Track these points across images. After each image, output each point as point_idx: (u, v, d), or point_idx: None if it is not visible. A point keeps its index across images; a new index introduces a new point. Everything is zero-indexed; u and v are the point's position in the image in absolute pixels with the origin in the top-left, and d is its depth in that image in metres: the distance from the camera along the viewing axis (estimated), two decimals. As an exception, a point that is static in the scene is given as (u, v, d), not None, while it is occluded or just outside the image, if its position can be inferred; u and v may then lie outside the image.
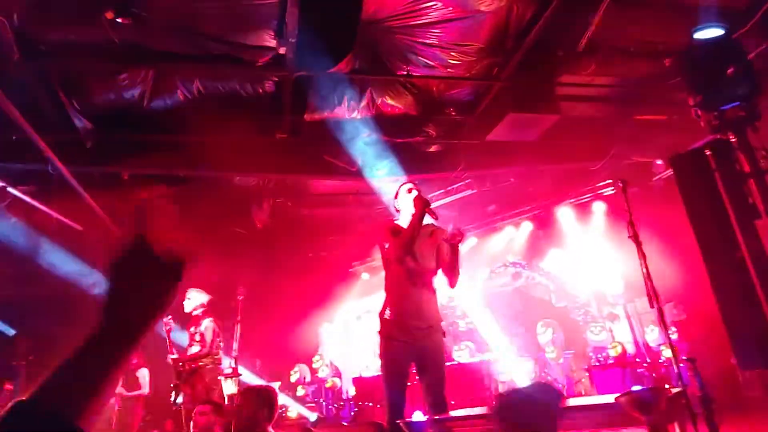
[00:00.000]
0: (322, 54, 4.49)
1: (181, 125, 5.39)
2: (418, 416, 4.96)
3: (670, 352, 3.47)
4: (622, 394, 3.30)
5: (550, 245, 8.65)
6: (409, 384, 3.32)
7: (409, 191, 3.47)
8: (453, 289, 3.46)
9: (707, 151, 2.52)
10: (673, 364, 3.42)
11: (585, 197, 7.91)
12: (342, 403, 8.08)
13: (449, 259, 3.29)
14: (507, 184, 7.55)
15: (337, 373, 9.00)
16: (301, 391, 8.68)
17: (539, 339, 7.87)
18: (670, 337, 3.49)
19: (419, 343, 3.16)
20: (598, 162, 6.76)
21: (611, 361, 6.74)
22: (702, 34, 2.79)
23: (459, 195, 7.48)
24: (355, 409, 7.55)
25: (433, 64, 4.89)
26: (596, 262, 7.84)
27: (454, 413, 3.44)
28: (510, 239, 8.92)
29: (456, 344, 7.84)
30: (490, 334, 8.14)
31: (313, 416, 8.09)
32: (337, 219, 8.43)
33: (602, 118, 6.13)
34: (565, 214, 8.18)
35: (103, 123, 5.28)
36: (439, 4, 4.20)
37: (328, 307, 10.20)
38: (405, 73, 5.00)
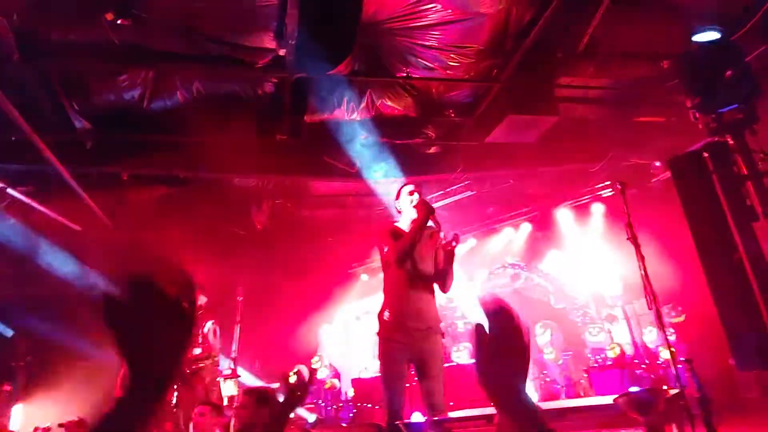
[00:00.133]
0: (321, 56, 4.50)
1: (181, 126, 5.40)
2: (417, 417, 4.97)
3: (668, 354, 3.48)
4: (620, 395, 3.31)
5: (548, 246, 8.66)
6: (408, 385, 3.32)
7: (411, 193, 3.47)
8: (446, 294, 3.47)
9: (705, 154, 2.53)
10: (671, 366, 3.43)
11: (584, 199, 7.93)
12: (341, 405, 8.07)
13: (444, 264, 3.31)
14: (506, 185, 7.56)
15: (336, 374, 8.99)
16: (300, 392, 8.66)
17: (538, 340, 7.87)
18: (668, 338, 3.50)
19: (418, 344, 3.16)
20: (596, 164, 6.78)
21: (610, 363, 6.75)
22: (700, 37, 2.80)
23: (458, 196, 7.50)
24: (354, 411, 7.54)
25: (432, 65, 4.90)
26: (595, 263, 7.86)
27: (453, 414, 3.45)
28: (509, 240, 8.94)
29: (455, 345, 7.84)
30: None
31: (311, 417, 8.09)
32: (337, 220, 8.43)
33: (601, 119, 6.14)
34: (563, 216, 8.20)
35: (103, 123, 5.28)
36: (439, 6, 4.22)
37: (328, 308, 10.20)
38: (404, 74, 5.01)
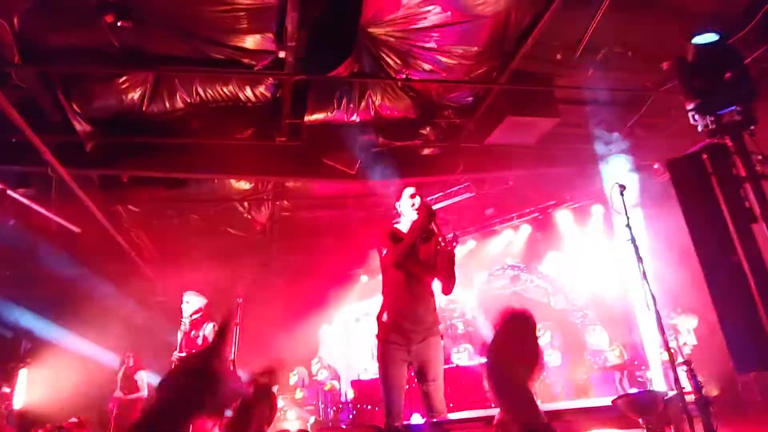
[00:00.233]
0: (321, 58, 4.51)
1: (181, 128, 5.41)
2: (417, 419, 4.96)
3: (667, 355, 3.49)
4: (619, 396, 3.31)
5: (548, 248, 8.66)
6: (408, 387, 3.32)
7: (412, 196, 3.46)
8: (448, 295, 3.45)
9: (704, 155, 2.53)
10: (670, 368, 3.43)
11: (583, 200, 7.93)
12: (341, 406, 8.06)
13: (444, 265, 3.29)
14: (506, 187, 7.57)
15: (336, 376, 8.98)
16: (299, 394, 8.67)
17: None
18: (667, 340, 3.50)
19: (417, 346, 3.16)
20: (595, 165, 6.78)
21: (609, 364, 6.76)
22: (699, 39, 2.80)
23: (458, 198, 7.49)
24: (354, 412, 7.53)
25: (432, 67, 4.91)
26: (595, 265, 7.86)
27: (453, 416, 3.45)
28: (508, 242, 8.94)
29: (455, 347, 7.84)
30: (488, 336, 8.12)
31: (311, 419, 8.09)
32: (336, 222, 8.43)
33: (600, 121, 6.15)
34: (563, 217, 8.20)
35: (103, 126, 5.29)
36: (438, 8, 4.22)
37: (327, 310, 10.20)
38: (404, 76, 5.01)
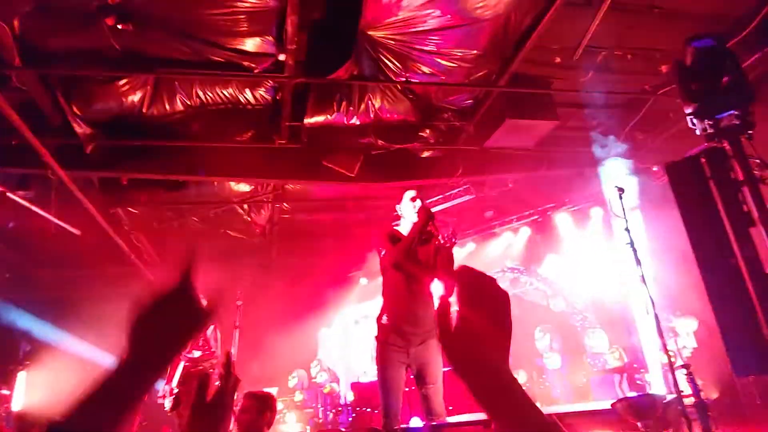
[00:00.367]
0: (321, 60, 4.52)
1: (181, 131, 5.42)
2: (416, 422, 4.96)
3: (666, 358, 3.49)
4: (618, 400, 3.32)
5: (548, 251, 8.66)
6: (407, 389, 3.32)
7: (413, 199, 3.48)
8: (450, 297, 3.45)
9: (702, 159, 2.55)
10: (671, 371, 3.43)
11: (583, 203, 7.94)
12: (340, 409, 8.05)
13: (445, 264, 3.30)
14: (505, 189, 7.57)
15: (335, 379, 8.97)
16: (298, 397, 8.66)
17: (537, 344, 7.87)
18: (666, 343, 3.50)
19: (416, 348, 3.17)
20: (595, 168, 6.79)
21: (609, 367, 6.75)
22: (698, 43, 2.82)
23: (457, 200, 7.50)
24: (353, 415, 7.51)
25: (431, 70, 4.92)
26: (594, 267, 7.86)
27: (452, 419, 3.45)
28: (508, 245, 8.94)
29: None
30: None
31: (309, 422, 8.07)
32: (336, 224, 8.44)
33: (599, 124, 6.17)
34: (562, 220, 8.21)
35: (103, 128, 5.29)
36: (438, 11, 4.23)
37: (327, 312, 10.19)
38: (404, 79, 5.03)
